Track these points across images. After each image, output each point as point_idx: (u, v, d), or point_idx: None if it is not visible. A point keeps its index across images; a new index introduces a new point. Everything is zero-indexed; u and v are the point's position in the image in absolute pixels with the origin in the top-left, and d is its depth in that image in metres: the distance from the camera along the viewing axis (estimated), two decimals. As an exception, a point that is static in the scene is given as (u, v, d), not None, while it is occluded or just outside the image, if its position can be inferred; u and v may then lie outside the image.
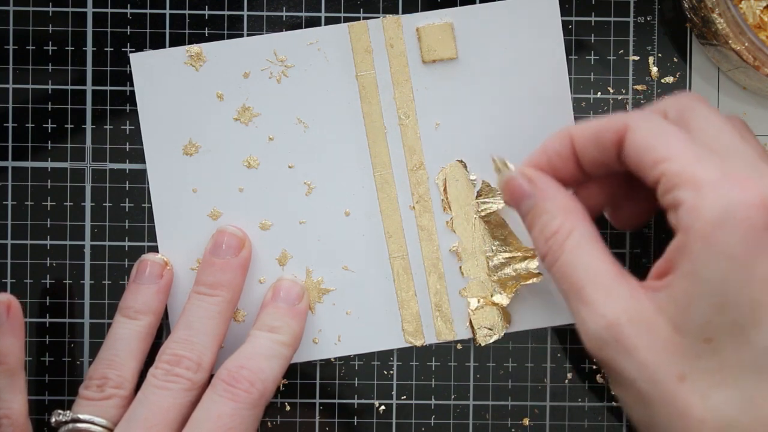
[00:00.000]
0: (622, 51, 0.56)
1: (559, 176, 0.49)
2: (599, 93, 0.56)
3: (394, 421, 0.56)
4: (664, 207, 0.44)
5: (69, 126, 0.55)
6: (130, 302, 0.53)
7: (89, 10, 0.55)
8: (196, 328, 0.52)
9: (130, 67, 0.55)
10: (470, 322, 0.56)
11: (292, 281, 0.55)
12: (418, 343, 0.56)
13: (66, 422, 0.51)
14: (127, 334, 0.53)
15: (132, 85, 0.55)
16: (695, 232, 0.42)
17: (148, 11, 0.55)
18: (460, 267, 0.55)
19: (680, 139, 0.44)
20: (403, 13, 0.55)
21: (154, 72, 0.55)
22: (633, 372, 0.44)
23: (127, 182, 0.55)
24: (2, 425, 0.51)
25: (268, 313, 0.53)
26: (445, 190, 0.55)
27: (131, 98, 0.55)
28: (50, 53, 0.55)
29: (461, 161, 0.55)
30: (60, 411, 0.51)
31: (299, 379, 0.56)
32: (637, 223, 0.53)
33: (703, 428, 0.43)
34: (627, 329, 0.44)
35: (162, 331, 0.55)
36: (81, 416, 0.51)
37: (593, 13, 0.56)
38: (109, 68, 0.55)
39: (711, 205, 0.42)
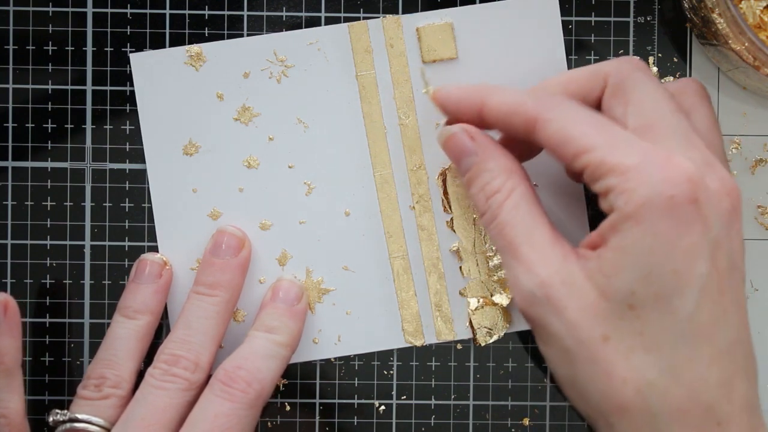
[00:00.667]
0: (622, 51, 0.56)
1: (465, 120, 0.50)
2: (599, 93, 0.56)
3: (394, 421, 0.56)
4: (595, 192, 0.46)
5: (69, 126, 0.55)
6: (129, 302, 0.53)
7: (89, 10, 0.55)
8: (195, 328, 0.52)
9: (130, 67, 0.55)
10: (470, 322, 0.56)
11: (291, 281, 0.55)
12: (418, 343, 0.56)
13: (63, 422, 0.51)
14: (125, 334, 0.53)
15: (132, 85, 0.55)
16: (624, 214, 0.44)
17: (148, 11, 0.55)
18: (460, 267, 0.55)
19: (594, 125, 0.46)
20: (403, 13, 0.55)
21: (154, 72, 0.55)
22: (561, 330, 0.46)
23: (127, 182, 0.55)
24: None
25: (266, 313, 0.53)
26: (445, 190, 0.55)
27: (131, 98, 0.55)
28: (50, 53, 0.55)
29: None
30: (57, 411, 0.51)
31: (299, 379, 0.56)
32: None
33: (624, 387, 0.45)
34: (558, 289, 0.46)
35: (161, 330, 0.55)
36: (79, 416, 0.51)
37: (593, 13, 0.56)
38: (109, 68, 0.55)
39: (637, 187, 0.44)
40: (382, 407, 0.56)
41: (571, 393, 0.47)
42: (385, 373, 0.56)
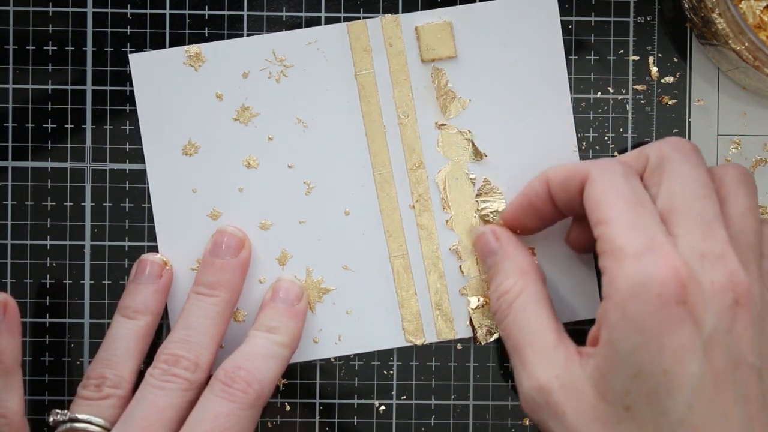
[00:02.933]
0: (622, 51, 0.56)
1: (540, 215, 0.52)
2: (599, 93, 0.56)
3: (394, 421, 0.56)
4: (599, 269, 0.46)
5: (69, 126, 0.55)
6: (129, 302, 0.53)
7: (89, 10, 0.55)
8: (195, 328, 0.52)
9: (129, 67, 0.55)
10: (470, 321, 0.56)
11: (291, 281, 0.55)
12: (419, 342, 0.56)
13: (63, 422, 0.51)
14: (125, 334, 0.53)
15: (132, 85, 0.55)
16: (613, 302, 0.44)
17: (148, 11, 0.55)
18: (460, 266, 0.55)
19: (625, 201, 0.46)
20: (403, 12, 0.55)
21: (153, 72, 0.55)
22: None
23: (127, 182, 0.55)
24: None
25: (266, 313, 0.53)
26: (444, 189, 0.55)
27: (131, 98, 0.55)
28: (50, 53, 0.55)
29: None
30: (57, 410, 0.51)
31: (299, 379, 0.56)
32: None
33: None
34: (557, 394, 0.46)
35: (162, 330, 0.55)
36: (79, 416, 0.51)
37: (593, 13, 0.56)
38: (109, 68, 0.55)
39: (627, 277, 0.44)
40: (382, 407, 0.56)
41: None
42: (385, 373, 0.56)
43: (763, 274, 0.48)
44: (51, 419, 0.51)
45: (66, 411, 0.51)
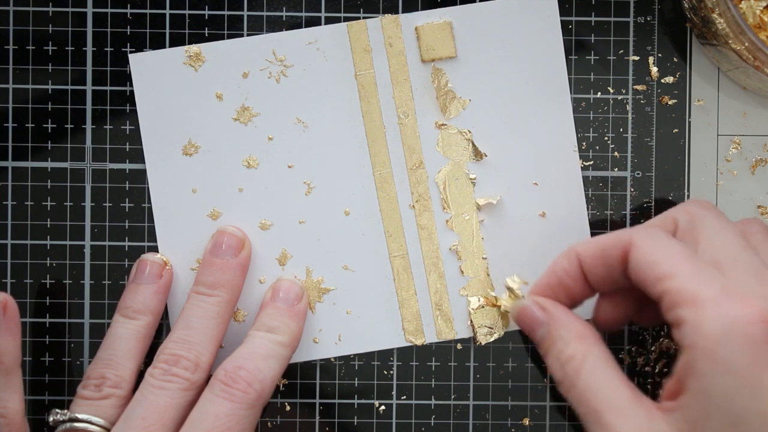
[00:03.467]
0: (622, 51, 0.56)
1: (570, 294, 0.50)
2: (599, 93, 0.56)
3: (394, 421, 0.56)
4: (669, 323, 0.45)
5: (69, 126, 0.55)
6: (129, 302, 0.53)
7: (89, 10, 0.55)
8: (195, 328, 0.52)
9: (130, 67, 0.55)
10: (470, 321, 0.56)
11: (292, 281, 0.55)
12: (419, 342, 0.56)
13: (63, 421, 0.51)
14: (125, 334, 0.53)
15: (132, 85, 0.55)
16: (699, 349, 0.43)
17: (148, 11, 0.55)
18: (460, 266, 0.55)
19: (682, 254, 0.45)
20: (403, 12, 0.55)
21: (153, 72, 0.55)
22: None
23: (127, 182, 0.55)
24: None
25: (267, 313, 0.53)
26: (444, 189, 0.55)
27: (131, 98, 0.55)
28: (50, 53, 0.55)
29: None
30: (57, 410, 0.51)
31: (299, 379, 0.56)
32: (655, 322, 0.53)
33: None
34: None
35: (162, 330, 0.55)
36: (79, 416, 0.51)
37: (593, 13, 0.56)
38: (109, 68, 0.55)
39: (712, 322, 0.43)
40: (382, 407, 0.56)
41: None
42: (385, 373, 0.56)
43: None
44: (51, 419, 0.51)
45: (66, 411, 0.51)
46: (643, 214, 0.56)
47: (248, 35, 0.55)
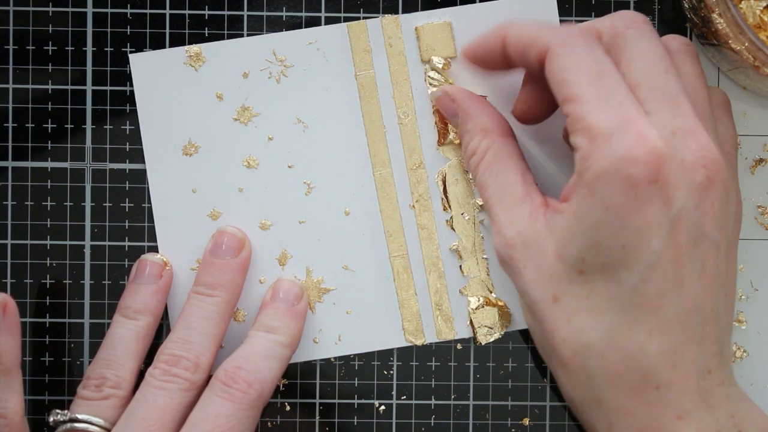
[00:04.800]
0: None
1: (495, 65, 0.51)
2: (599, 93, 0.56)
3: (394, 421, 0.56)
4: (569, 144, 0.46)
5: (69, 126, 0.55)
6: (129, 302, 0.53)
7: (89, 10, 0.55)
8: (195, 328, 0.52)
9: (130, 67, 0.55)
10: (470, 321, 0.56)
11: (292, 281, 0.55)
12: (419, 342, 0.56)
13: (64, 422, 0.51)
14: (125, 334, 0.53)
15: (132, 85, 0.55)
16: (583, 179, 0.45)
17: (148, 11, 0.55)
18: (461, 266, 0.55)
19: (595, 75, 0.45)
20: (403, 13, 0.55)
21: (153, 72, 0.55)
22: (521, 288, 0.49)
23: (127, 182, 0.55)
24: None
25: (266, 313, 0.53)
26: (444, 188, 0.55)
27: (131, 98, 0.55)
28: (50, 53, 0.55)
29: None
30: (58, 411, 0.51)
31: (299, 379, 0.56)
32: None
33: (564, 347, 0.47)
34: (519, 250, 0.48)
35: (162, 331, 0.55)
36: (79, 416, 0.51)
37: (593, 14, 0.56)
38: (109, 68, 0.55)
39: (599, 159, 0.44)
40: (382, 407, 0.56)
41: (534, 342, 0.51)
42: (385, 373, 0.56)
43: (720, 141, 0.48)
44: (51, 419, 0.51)
45: (66, 411, 0.51)
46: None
47: (248, 35, 0.55)
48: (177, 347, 0.52)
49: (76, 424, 0.51)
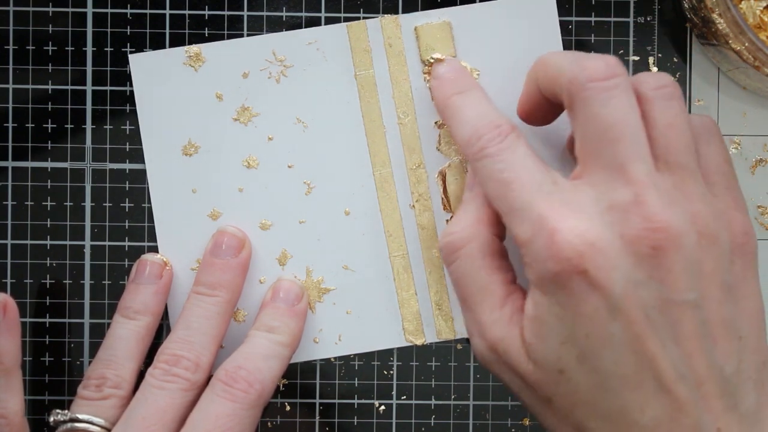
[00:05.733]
0: (622, 51, 0.56)
1: (553, 114, 0.52)
2: (599, 93, 0.56)
3: (394, 421, 0.56)
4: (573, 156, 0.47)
5: (69, 126, 0.55)
6: (129, 302, 0.53)
7: (89, 10, 0.55)
8: (195, 328, 0.52)
9: (129, 67, 0.55)
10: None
11: (292, 281, 0.55)
12: (419, 342, 0.56)
13: (64, 422, 0.51)
14: (125, 334, 0.53)
15: (132, 85, 0.55)
16: (531, 282, 0.45)
17: (148, 11, 0.55)
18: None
19: (526, 181, 0.46)
20: (403, 13, 0.55)
21: (153, 73, 0.55)
22: (512, 391, 0.48)
23: (127, 182, 0.55)
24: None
25: (267, 313, 0.54)
26: (444, 188, 0.55)
27: (131, 98, 0.55)
28: (50, 53, 0.55)
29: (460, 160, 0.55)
30: (58, 411, 0.51)
31: (299, 379, 0.56)
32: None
33: None
34: (501, 357, 0.47)
35: (162, 331, 0.55)
36: (79, 416, 0.51)
37: (593, 14, 0.56)
38: (109, 68, 0.55)
39: (530, 262, 0.45)
40: (382, 407, 0.56)
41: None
42: (385, 373, 0.56)
43: (705, 174, 0.47)
44: (52, 419, 0.51)
45: (66, 411, 0.51)
46: (643, 214, 0.56)
47: (248, 35, 0.55)
48: (177, 347, 0.52)
49: (77, 424, 0.51)
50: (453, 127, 0.50)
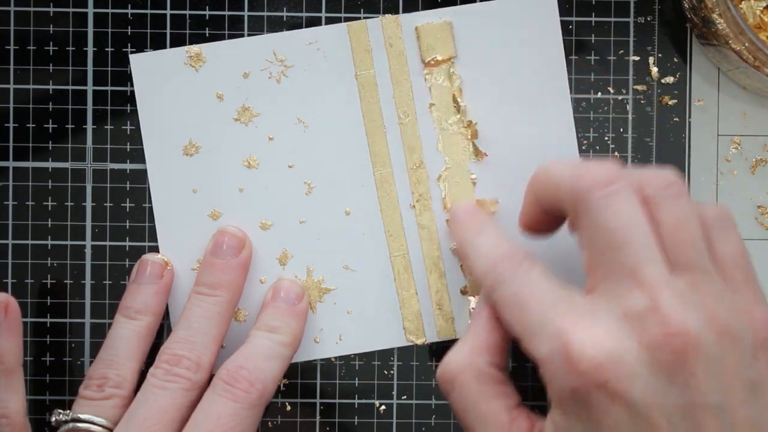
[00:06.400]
0: (622, 51, 0.56)
1: (554, 225, 0.51)
2: (599, 93, 0.56)
3: (394, 421, 0.56)
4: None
5: (70, 126, 0.55)
6: (130, 302, 0.53)
7: (90, 10, 0.55)
8: (196, 328, 0.52)
9: (130, 67, 0.55)
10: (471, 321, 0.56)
11: (292, 281, 0.55)
12: (419, 342, 0.56)
13: (66, 422, 0.51)
14: (126, 334, 0.53)
15: (132, 85, 0.55)
16: (550, 400, 0.44)
17: (148, 11, 0.55)
18: (461, 265, 0.55)
19: (543, 300, 0.45)
20: (403, 13, 0.55)
21: (153, 73, 0.55)
22: None
23: (128, 182, 0.55)
24: (0, 425, 0.51)
25: (267, 313, 0.54)
26: (445, 188, 0.55)
27: (132, 98, 0.55)
28: (51, 53, 0.55)
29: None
30: (60, 410, 0.51)
31: (300, 379, 0.56)
32: None
33: None
34: None
35: (163, 331, 0.55)
36: (81, 416, 0.51)
37: (593, 14, 0.56)
38: (109, 68, 0.55)
39: (549, 380, 0.43)
40: (383, 407, 0.56)
41: None
42: (386, 372, 0.56)
43: (721, 269, 0.45)
44: (53, 419, 0.51)
45: (68, 411, 0.51)
46: (643, 214, 0.56)
47: (249, 36, 0.55)
48: (178, 347, 0.52)
49: (79, 424, 0.51)
50: (471, 265, 0.50)
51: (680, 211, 0.44)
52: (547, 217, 0.50)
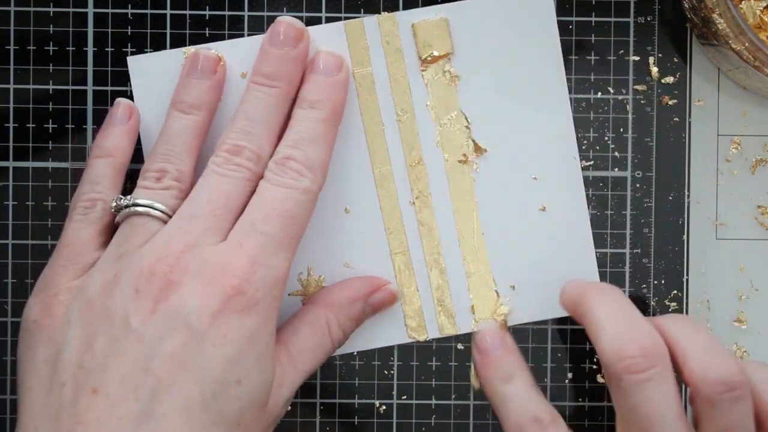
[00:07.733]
0: (622, 51, 0.56)
1: None
2: (599, 93, 0.56)
3: (394, 421, 0.56)
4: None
5: (70, 126, 0.55)
6: (185, 96, 0.52)
7: (90, 10, 0.55)
8: (255, 119, 0.50)
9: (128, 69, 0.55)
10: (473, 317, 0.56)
11: (330, 52, 0.53)
12: (421, 338, 0.56)
13: (127, 206, 0.50)
14: (182, 129, 0.51)
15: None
16: None
17: (148, 11, 0.55)
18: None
19: None
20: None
21: (151, 74, 0.55)
22: None
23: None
24: (96, 208, 0.51)
25: (306, 88, 0.52)
26: (444, 185, 0.55)
27: (131, 99, 0.55)
28: (51, 53, 0.55)
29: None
30: (121, 196, 0.51)
31: (300, 378, 0.56)
32: None
33: None
34: None
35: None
36: (140, 200, 0.50)
37: (593, 14, 0.56)
38: (110, 68, 0.55)
39: None
40: (383, 407, 0.56)
41: None
42: (386, 372, 0.56)
43: None
44: (113, 204, 0.50)
45: (129, 196, 0.50)
46: (643, 214, 0.56)
47: (249, 36, 0.55)
48: (238, 137, 0.50)
49: (138, 208, 0.50)
50: (499, 417, 0.51)
51: (734, 418, 0.44)
52: None
